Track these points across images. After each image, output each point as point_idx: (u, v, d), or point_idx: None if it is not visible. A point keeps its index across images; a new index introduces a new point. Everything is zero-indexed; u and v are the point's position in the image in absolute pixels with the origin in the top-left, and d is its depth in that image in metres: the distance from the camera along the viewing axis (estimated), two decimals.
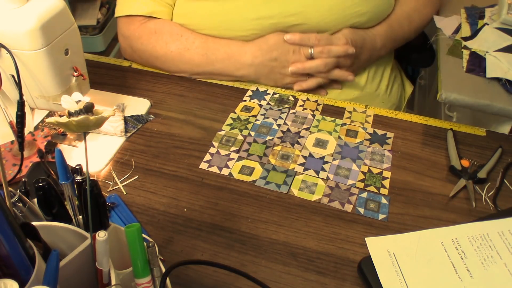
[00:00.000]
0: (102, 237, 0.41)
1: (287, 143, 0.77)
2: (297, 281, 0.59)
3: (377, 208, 0.67)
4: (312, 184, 0.70)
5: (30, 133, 0.77)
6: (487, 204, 0.68)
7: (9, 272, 0.37)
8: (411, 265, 0.57)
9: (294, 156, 0.74)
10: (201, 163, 0.73)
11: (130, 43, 0.91)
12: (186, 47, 0.87)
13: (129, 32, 0.91)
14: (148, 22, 0.90)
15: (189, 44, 0.87)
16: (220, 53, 0.86)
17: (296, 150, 0.75)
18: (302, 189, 0.69)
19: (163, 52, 0.88)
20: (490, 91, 0.86)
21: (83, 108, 0.40)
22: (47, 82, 0.68)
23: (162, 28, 0.89)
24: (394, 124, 0.81)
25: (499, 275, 0.56)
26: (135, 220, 0.65)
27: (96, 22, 2.05)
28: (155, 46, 0.88)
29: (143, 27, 0.89)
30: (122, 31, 0.92)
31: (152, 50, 0.89)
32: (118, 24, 0.94)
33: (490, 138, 0.78)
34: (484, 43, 0.94)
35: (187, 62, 0.88)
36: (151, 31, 0.88)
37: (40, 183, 0.45)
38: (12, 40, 0.63)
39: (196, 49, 0.86)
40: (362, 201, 0.68)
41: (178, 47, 0.87)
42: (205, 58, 0.86)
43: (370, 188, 0.70)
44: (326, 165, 0.73)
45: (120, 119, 0.80)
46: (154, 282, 0.45)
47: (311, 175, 0.71)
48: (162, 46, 0.88)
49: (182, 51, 0.87)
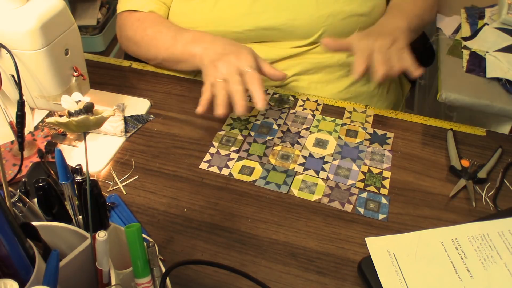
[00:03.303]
0: (102, 237, 0.41)
1: (287, 143, 0.77)
2: (297, 281, 0.59)
3: (377, 208, 0.67)
4: (312, 184, 0.70)
5: (30, 133, 0.77)
6: (487, 204, 0.68)
7: (9, 272, 0.37)
8: (411, 265, 0.57)
9: (294, 156, 0.74)
10: (201, 163, 0.73)
11: (119, 32, 0.95)
12: (161, 30, 0.87)
13: (119, 22, 0.94)
14: (136, 12, 0.92)
15: (164, 28, 0.87)
16: (188, 35, 0.85)
17: (296, 150, 0.75)
18: (302, 189, 0.69)
19: (140, 37, 0.89)
20: (490, 91, 0.86)
21: (83, 108, 0.40)
22: (47, 82, 0.68)
23: (147, 17, 0.90)
24: (394, 124, 0.81)
25: (499, 275, 0.56)
26: (135, 220, 0.65)
27: (96, 22, 2.05)
28: (135, 31, 0.90)
29: (130, 16, 0.92)
30: (117, 22, 0.95)
31: (132, 35, 0.91)
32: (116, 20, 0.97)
33: (490, 138, 0.78)
34: (484, 43, 0.94)
35: (156, 45, 0.87)
36: (135, 19, 0.91)
37: (40, 183, 0.45)
38: (12, 40, 0.63)
39: (168, 32, 0.87)
40: (362, 201, 0.68)
41: (154, 30, 0.88)
42: (173, 41, 0.85)
43: (370, 188, 0.70)
44: (326, 165, 0.73)
45: (120, 119, 0.80)
46: (154, 282, 0.45)
47: (311, 175, 0.71)
48: (140, 31, 0.89)
49: (156, 34, 0.87)
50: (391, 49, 0.78)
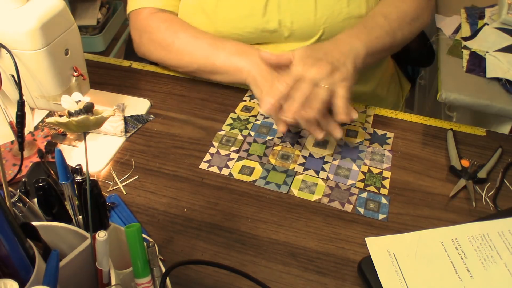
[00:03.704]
0: (102, 237, 0.41)
1: (287, 143, 0.77)
2: (297, 281, 0.59)
3: (377, 208, 0.67)
4: (312, 184, 0.70)
5: (30, 133, 0.77)
6: (487, 204, 0.68)
7: (9, 272, 0.37)
8: (411, 265, 0.57)
9: (294, 156, 0.74)
10: (201, 163, 0.73)
11: (140, 34, 0.88)
12: (195, 35, 0.83)
13: (138, 23, 0.88)
14: (159, 13, 0.88)
15: (198, 34, 0.83)
16: (230, 46, 0.81)
17: (296, 150, 0.75)
18: (302, 189, 0.69)
19: (170, 40, 0.84)
20: (490, 91, 0.86)
21: (83, 108, 0.40)
22: (47, 82, 0.68)
23: (173, 18, 0.87)
24: (394, 124, 0.81)
25: (499, 275, 0.56)
26: (135, 220, 0.65)
27: (96, 22, 2.05)
28: (164, 33, 0.85)
29: (153, 16, 0.87)
30: (132, 24, 0.90)
31: (160, 38, 0.85)
32: (129, 20, 0.92)
33: (490, 138, 0.78)
34: (484, 43, 0.94)
35: (191, 52, 0.83)
36: (161, 19, 0.86)
37: (40, 183, 0.45)
38: (12, 40, 0.63)
39: (204, 38, 0.82)
40: (362, 201, 0.68)
41: (187, 34, 0.83)
42: (213, 49, 0.81)
43: (370, 188, 0.70)
44: (326, 165, 0.73)
45: (120, 119, 0.80)
46: (154, 282, 0.45)
47: (311, 175, 0.71)
48: (171, 33, 0.84)
49: (190, 39, 0.82)
50: (322, 82, 0.68)
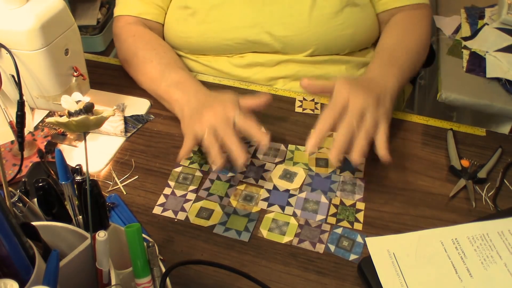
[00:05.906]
0: (102, 237, 0.41)
1: (250, 178, 0.70)
2: (297, 281, 0.59)
3: (350, 247, 0.61)
4: (284, 224, 0.64)
5: (30, 133, 0.77)
6: (487, 204, 0.68)
7: (9, 272, 0.37)
8: (411, 265, 0.57)
9: (258, 197, 0.68)
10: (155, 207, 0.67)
11: (115, 39, 0.92)
12: (151, 58, 0.83)
13: (115, 30, 0.91)
14: (132, 25, 0.89)
15: (155, 56, 0.83)
16: (174, 76, 0.80)
17: (261, 190, 0.69)
18: (272, 230, 0.64)
19: (130, 57, 0.86)
20: (490, 91, 0.86)
21: (83, 108, 0.40)
22: (47, 82, 0.68)
23: (143, 35, 0.87)
24: (394, 124, 0.81)
25: (499, 275, 0.56)
26: (135, 220, 0.65)
27: (96, 22, 2.05)
28: (128, 48, 0.86)
29: (126, 27, 0.89)
30: (113, 29, 0.93)
31: (124, 51, 0.88)
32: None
33: (490, 138, 0.78)
34: (484, 43, 0.94)
35: (144, 73, 0.83)
36: (130, 33, 0.87)
37: (40, 183, 0.45)
38: (12, 40, 0.63)
39: (157, 64, 0.82)
40: (336, 237, 0.62)
41: (144, 54, 0.84)
42: (160, 76, 0.80)
43: (343, 224, 0.64)
44: (292, 199, 0.67)
45: (120, 119, 0.80)
46: (154, 282, 0.45)
47: (278, 212, 0.66)
48: (133, 50, 0.85)
49: (145, 61, 0.83)
50: (369, 115, 0.66)
